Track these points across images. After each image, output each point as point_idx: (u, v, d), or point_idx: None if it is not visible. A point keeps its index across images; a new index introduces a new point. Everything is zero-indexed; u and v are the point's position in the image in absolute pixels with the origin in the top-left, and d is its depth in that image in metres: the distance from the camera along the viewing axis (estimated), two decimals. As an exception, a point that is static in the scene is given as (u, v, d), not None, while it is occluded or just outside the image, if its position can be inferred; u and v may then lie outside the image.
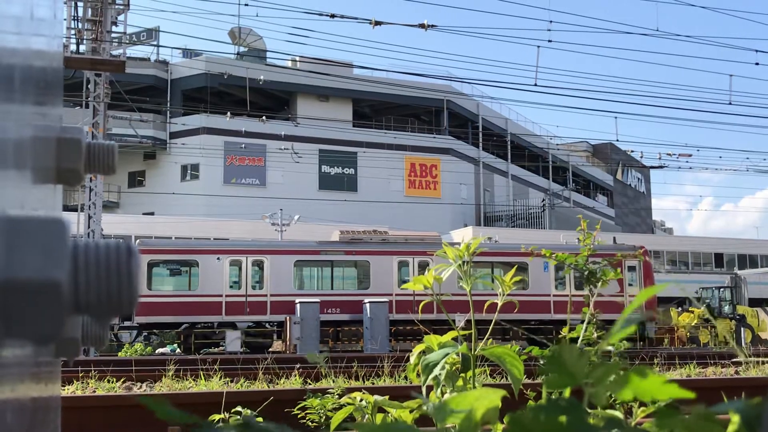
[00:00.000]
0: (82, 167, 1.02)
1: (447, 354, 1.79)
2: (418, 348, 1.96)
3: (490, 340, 1.85)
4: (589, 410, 0.96)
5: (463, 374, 1.90)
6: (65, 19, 20.63)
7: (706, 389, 7.02)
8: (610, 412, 2.05)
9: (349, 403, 2.19)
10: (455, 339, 1.94)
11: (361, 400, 2.15)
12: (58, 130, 1.02)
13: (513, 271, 2.04)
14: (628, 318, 0.79)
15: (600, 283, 3.30)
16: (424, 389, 1.86)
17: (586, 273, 3.39)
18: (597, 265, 3.54)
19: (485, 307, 2.07)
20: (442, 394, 1.80)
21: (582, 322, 3.68)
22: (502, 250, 23.82)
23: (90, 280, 0.58)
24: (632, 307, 0.78)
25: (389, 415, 2.01)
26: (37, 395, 0.90)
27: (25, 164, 0.73)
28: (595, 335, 2.93)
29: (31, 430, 0.84)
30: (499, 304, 1.97)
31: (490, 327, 1.95)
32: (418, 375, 1.92)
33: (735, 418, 0.67)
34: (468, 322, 1.92)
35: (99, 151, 1.08)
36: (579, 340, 2.62)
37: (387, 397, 2.08)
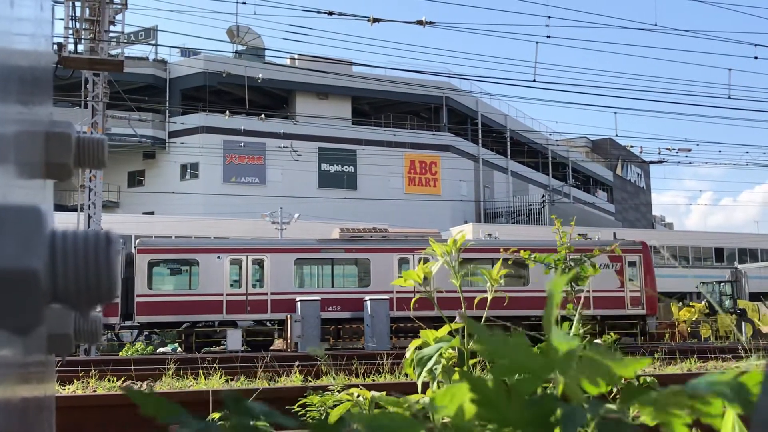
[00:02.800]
0: (72, 161, 1.01)
1: (440, 348, 1.79)
2: (415, 343, 1.95)
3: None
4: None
5: (458, 369, 1.89)
6: (62, 19, 20.63)
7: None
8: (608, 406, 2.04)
9: (346, 400, 2.18)
10: (453, 334, 1.93)
11: (358, 396, 2.15)
12: (47, 125, 1.01)
13: (498, 264, 2.04)
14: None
15: (580, 281, 3.29)
16: (419, 384, 1.86)
17: (564, 271, 3.39)
18: (576, 261, 3.54)
19: (476, 303, 2.06)
20: (438, 389, 1.80)
21: (581, 318, 3.67)
22: (501, 247, 23.81)
23: (68, 269, 0.57)
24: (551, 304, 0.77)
25: (386, 411, 2.01)
26: (29, 394, 0.89)
27: (8, 158, 0.72)
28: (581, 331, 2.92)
29: (22, 430, 0.83)
30: (489, 298, 1.97)
31: (482, 322, 1.94)
32: (414, 370, 1.91)
33: (717, 402, 0.66)
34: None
35: (89, 145, 1.07)
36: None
37: (384, 393, 2.07)
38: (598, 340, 4.67)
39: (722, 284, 32.89)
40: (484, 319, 1.99)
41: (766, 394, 0.64)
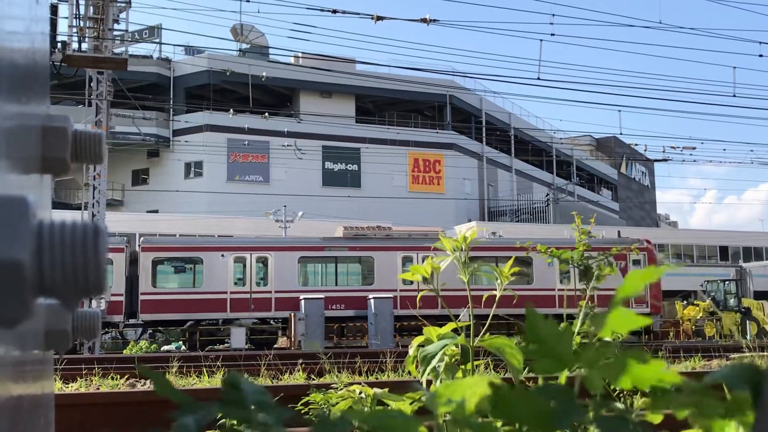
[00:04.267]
0: (69, 156, 1.01)
1: (445, 345, 1.77)
2: (417, 340, 1.94)
3: (487, 334, 1.83)
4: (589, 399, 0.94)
5: (462, 366, 1.88)
6: (67, 18, 20.63)
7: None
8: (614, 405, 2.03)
9: (349, 396, 2.18)
10: (457, 332, 1.92)
11: (360, 393, 2.14)
12: (44, 118, 1.00)
13: (510, 262, 2.02)
14: (619, 301, 0.77)
15: (596, 279, 3.27)
16: (424, 381, 1.85)
17: (581, 268, 3.37)
18: (594, 260, 3.51)
19: (483, 300, 2.05)
20: (442, 386, 1.78)
21: (586, 315, 3.65)
22: (506, 245, 23.79)
23: (55, 261, 0.57)
24: (624, 291, 0.76)
25: (388, 407, 2.00)
26: (23, 391, 0.88)
27: (2, 152, 0.72)
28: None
29: (13, 427, 0.82)
30: (497, 295, 1.95)
31: (489, 319, 1.93)
32: (417, 368, 1.90)
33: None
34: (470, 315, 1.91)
35: (86, 140, 1.07)
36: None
37: (386, 390, 2.06)
38: (607, 338, 4.65)
39: (727, 283, 32.81)
40: (490, 316, 1.98)
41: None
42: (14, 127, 0.82)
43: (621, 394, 3.54)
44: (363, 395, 2.13)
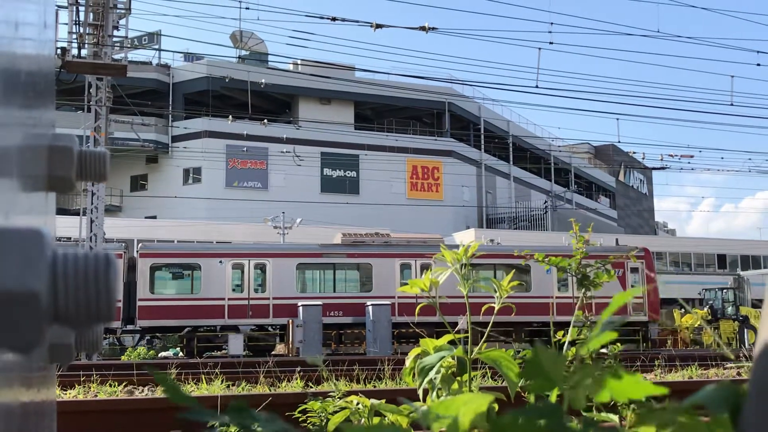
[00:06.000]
0: (74, 175, 1.03)
1: (442, 357, 1.80)
2: (414, 351, 1.96)
3: (485, 345, 1.85)
4: (584, 413, 0.97)
5: (459, 377, 1.90)
6: (66, 24, 20.66)
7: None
8: (605, 415, 2.06)
9: (346, 407, 2.19)
10: (454, 343, 1.94)
11: (357, 403, 2.16)
12: (50, 138, 1.03)
13: (510, 275, 2.05)
14: (607, 322, 0.79)
15: (594, 286, 3.29)
16: (420, 393, 1.87)
17: (579, 276, 3.39)
18: (592, 268, 3.53)
19: (483, 311, 2.07)
20: (438, 397, 1.81)
21: (583, 324, 3.68)
22: (504, 252, 23.81)
23: (68, 290, 0.59)
24: (609, 311, 0.79)
25: (386, 418, 2.02)
26: (28, 400, 0.90)
27: (11, 172, 0.74)
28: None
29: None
30: (496, 307, 1.98)
31: (487, 330, 1.95)
32: (414, 378, 1.92)
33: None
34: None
35: (91, 159, 1.09)
36: (566, 344, 2.63)
37: (384, 400, 2.08)
38: (603, 349, 4.68)
39: (724, 291, 32.83)
40: (489, 326, 2.00)
41: (753, 400, 0.65)
42: (25, 147, 0.84)
43: (618, 405, 3.57)
44: (360, 406, 2.15)
